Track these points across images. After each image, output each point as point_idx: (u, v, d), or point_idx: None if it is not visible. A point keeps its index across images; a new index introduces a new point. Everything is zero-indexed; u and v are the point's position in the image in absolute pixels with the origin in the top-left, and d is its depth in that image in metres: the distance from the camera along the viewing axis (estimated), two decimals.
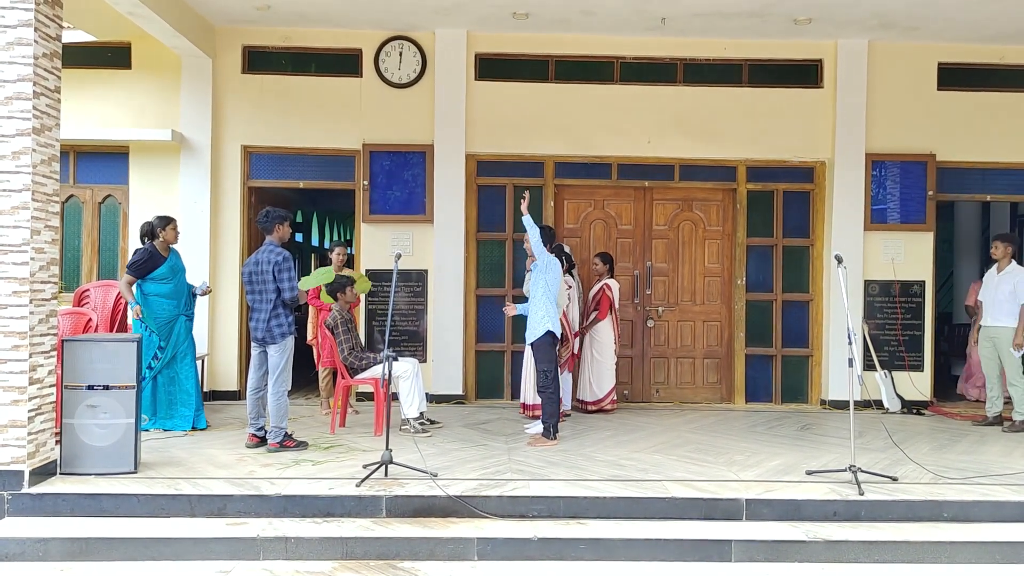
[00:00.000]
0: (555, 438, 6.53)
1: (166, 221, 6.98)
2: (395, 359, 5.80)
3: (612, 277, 8.15)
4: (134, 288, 6.80)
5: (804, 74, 8.80)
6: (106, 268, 8.67)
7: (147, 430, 6.69)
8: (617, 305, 8.04)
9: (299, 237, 14.84)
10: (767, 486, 5.36)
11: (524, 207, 6.61)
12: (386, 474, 5.35)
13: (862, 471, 5.36)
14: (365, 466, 5.50)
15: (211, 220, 8.41)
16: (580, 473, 5.61)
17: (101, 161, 8.64)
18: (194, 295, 7.18)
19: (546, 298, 6.54)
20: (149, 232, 6.95)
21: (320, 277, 6.75)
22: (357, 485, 5.16)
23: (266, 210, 6.34)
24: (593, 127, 8.68)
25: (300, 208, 14.31)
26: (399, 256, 5.83)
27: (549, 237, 7.11)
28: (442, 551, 4.71)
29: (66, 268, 8.64)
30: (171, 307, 6.89)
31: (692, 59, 8.77)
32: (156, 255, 6.83)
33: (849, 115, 8.64)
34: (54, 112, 5.24)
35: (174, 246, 7.04)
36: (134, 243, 8.42)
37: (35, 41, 4.99)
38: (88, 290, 7.55)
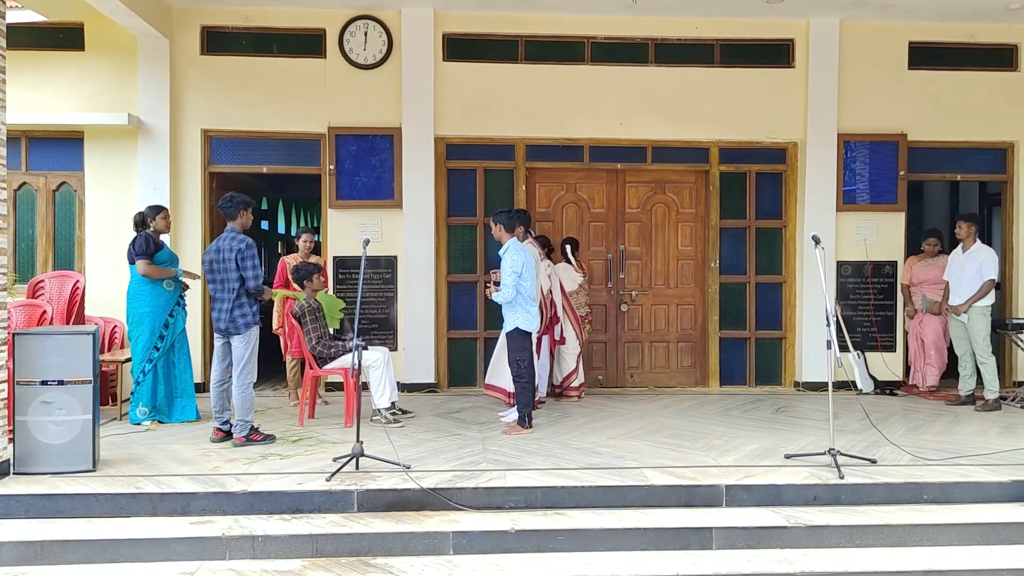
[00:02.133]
0: (530, 427, 6.39)
1: (157, 210, 6.79)
2: (365, 348, 5.61)
3: (567, 262, 7.97)
4: (148, 268, 6.53)
5: (776, 54, 8.71)
6: (62, 258, 8.35)
7: (139, 423, 6.56)
8: (568, 288, 7.84)
9: (264, 225, 14.51)
10: (746, 471, 5.28)
11: (490, 294, 6.50)
12: (357, 467, 5.18)
13: (841, 454, 5.30)
14: (335, 459, 5.34)
15: (171, 207, 8.08)
16: (557, 462, 5.48)
17: (55, 147, 8.30)
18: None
19: (520, 296, 6.36)
20: (141, 222, 6.76)
21: (286, 294, 6.73)
22: (327, 479, 4.99)
23: (229, 195, 6.11)
24: (564, 108, 8.52)
25: (266, 195, 14.00)
26: (367, 242, 5.65)
27: (524, 220, 6.95)
28: (417, 546, 4.56)
29: (19, 259, 8.32)
30: (170, 294, 6.67)
31: (664, 39, 8.63)
32: (156, 240, 6.65)
33: (821, 95, 8.58)
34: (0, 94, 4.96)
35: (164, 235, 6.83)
36: (91, 232, 8.20)
37: None
38: (43, 281, 7.28)
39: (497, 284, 6.54)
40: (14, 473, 5.10)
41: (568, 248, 7.94)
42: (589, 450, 5.83)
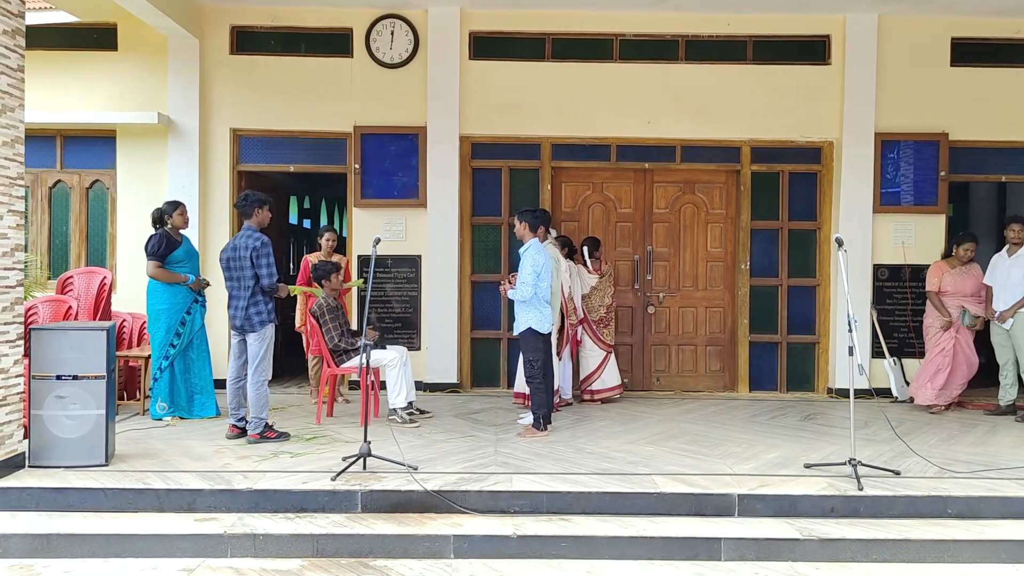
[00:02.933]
0: (546, 429, 6.30)
1: (174, 206, 6.80)
2: (372, 347, 5.58)
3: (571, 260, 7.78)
4: (157, 271, 6.59)
5: (811, 50, 8.47)
6: (94, 255, 8.50)
7: (159, 418, 6.62)
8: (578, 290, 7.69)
9: (307, 223, 14.59)
10: (762, 480, 5.12)
11: (504, 291, 6.50)
12: (364, 467, 5.15)
13: (863, 464, 5.11)
14: (344, 459, 5.31)
15: (199, 206, 8.21)
16: (567, 466, 5.38)
17: (88, 146, 8.46)
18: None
19: (535, 296, 6.24)
20: (159, 218, 6.78)
21: (305, 290, 6.72)
22: (333, 479, 4.96)
23: (245, 193, 6.14)
24: (592, 107, 8.40)
25: (306, 194, 14.10)
26: (378, 241, 5.61)
27: (545, 220, 6.84)
28: (417, 549, 4.51)
29: (54, 255, 8.50)
30: (187, 291, 6.73)
31: (694, 35, 8.46)
32: (171, 238, 6.68)
33: (858, 93, 8.32)
34: (17, 92, 5.05)
35: (184, 231, 6.87)
36: (122, 229, 8.32)
37: None
38: (72, 277, 7.41)
39: (513, 283, 6.45)
40: (29, 466, 5.17)
41: (585, 249, 7.80)
42: (602, 455, 5.72)
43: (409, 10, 8.30)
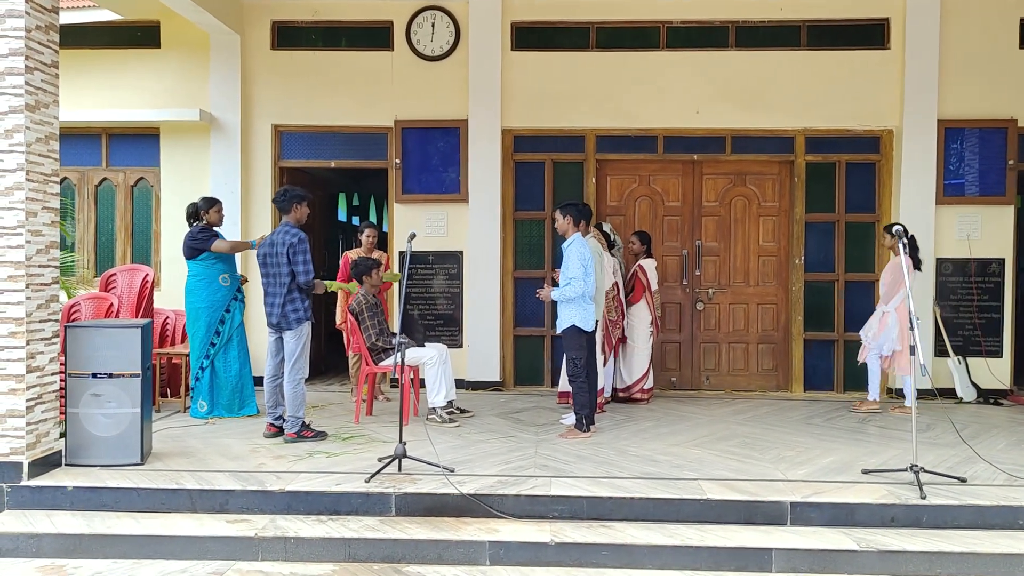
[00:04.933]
0: (589, 430, 6.09)
1: (211, 203, 6.74)
2: (407, 346, 5.43)
3: (649, 257, 7.61)
4: (226, 242, 6.60)
5: (869, 34, 8.09)
6: (139, 252, 8.54)
7: (200, 417, 6.56)
8: (654, 287, 7.48)
9: (356, 220, 14.56)
10: (816, 487, 4.83)
11: (541, 295, 6.34)
12: (399, 469, 5.01)
13: (925, 471, 4.80)
14: (379, 459, 5.17)
15: (242, 202, 8.19)
16: (609, 470, 5.16)
17: (133, 143, 8.49)
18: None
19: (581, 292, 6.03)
20: (194, 213, 6.71)
21: (344, 287, 6.62)
22: (366, 481, 4.83)
23: (283, 189, 6.06)
24: (637, 97, 8.15)
25: (355, 191, 14.07)
26: (413, 236, 5.47)
27: (587, 215, 6.62)
28: (451, 555, 4.35)
29: (100, 253, 8.56)
30: (227, 289, 6.68)
31: (745, 21, 8.14)
32: (213, 232, 6.63)
33: (919, 78, 7.91)
34: (51, 88, 5.01)
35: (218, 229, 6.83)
36: (167, 225, 8.34)
37: (26, 13, 4.74)
38: (115, 274, 7.42)
39: (554, 284, 6.24)
40: (66, 464, 5.14)
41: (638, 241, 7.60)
42: (647, 458, 5.49)
43: (450, 1, 8.15)
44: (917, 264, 7.20)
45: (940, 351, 7.97)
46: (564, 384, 7.02)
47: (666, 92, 8.12)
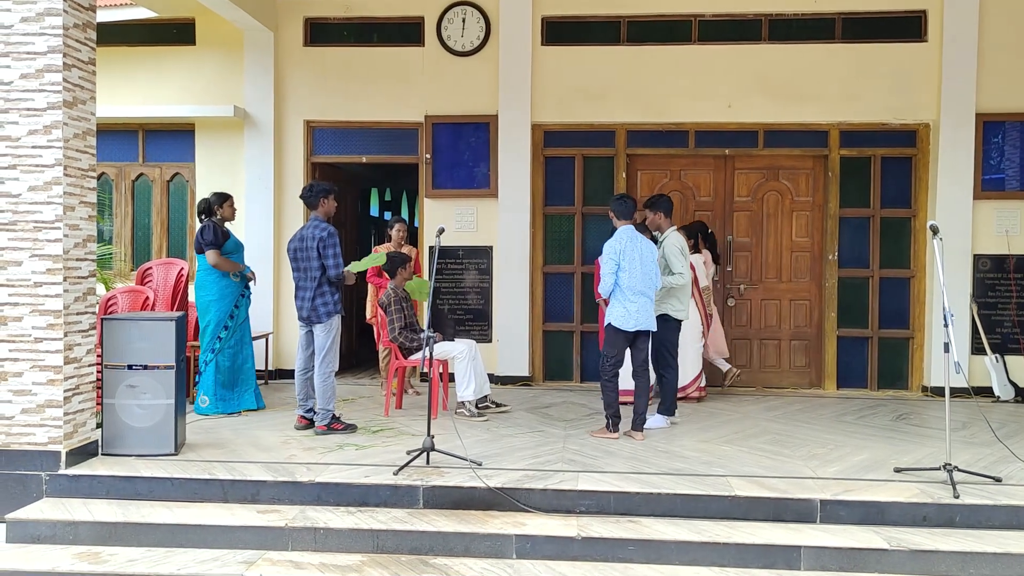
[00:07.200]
0: (616, 431, 5.98)
1: (223, 198, 6.79)
2: (435, 340, 5.45)
3: (699, 251, 7.54)
4: (219, 259, 6.54)
5: (905, 26, 7.95)
6: (175, 246, 8.67)
7: (204, 414, 6.56)
8: (703, 283, 7.36)
9: (388, 215, 14.66)
10: (847, 485, 4.78)
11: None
12: (427, 462, 5.04)
13: (959, 470, 4.72)
14: (408, 452, 5.20)
15: (275, 197, 8.29)
16: (637, 465, 5.15)
17: (169, 139, 8.61)
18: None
19: (618, 288, 5.91)
20: (206, 209, 6.76)
21: (371, 260, 6.47)
22: (395, 473, 4.86)
23: (310, 184, 6.12)
24: (669, 92, 8.10)
25: (387, 186, 14.16)
26: (441, 231, 5.48)
27: (629, 208, 6.33)
28: (478, 547, 4.37)
29: (137, 247, 8.70)
30: (237, 284, 6.76)
31: (778, 14, 8.05)
32: (223, 229, 6.68)
33: (957, 71, 7.76)
34: (88, 85, 5.10)
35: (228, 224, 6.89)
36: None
37: (64, 11, 4.84)
38: (151, 268, 7.55)
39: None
40: (102, 454, 5.25)
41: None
42: (675, 454, 5.46)
43: None
44: (716, 258, 7.76)
45: (977, 348, 7.83)
46: (628, 381, 6.77)
47: (698, 86, 8.06)
